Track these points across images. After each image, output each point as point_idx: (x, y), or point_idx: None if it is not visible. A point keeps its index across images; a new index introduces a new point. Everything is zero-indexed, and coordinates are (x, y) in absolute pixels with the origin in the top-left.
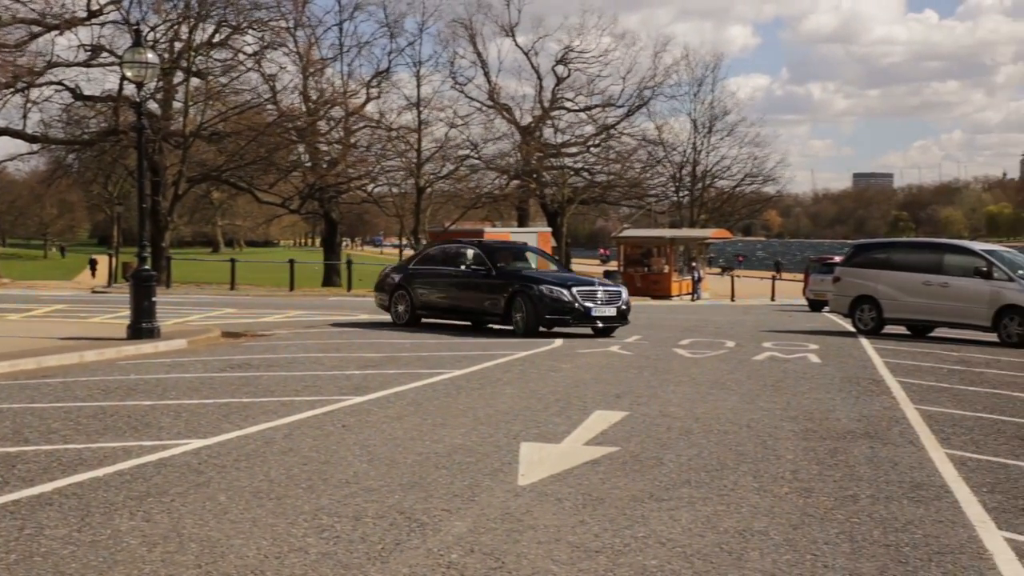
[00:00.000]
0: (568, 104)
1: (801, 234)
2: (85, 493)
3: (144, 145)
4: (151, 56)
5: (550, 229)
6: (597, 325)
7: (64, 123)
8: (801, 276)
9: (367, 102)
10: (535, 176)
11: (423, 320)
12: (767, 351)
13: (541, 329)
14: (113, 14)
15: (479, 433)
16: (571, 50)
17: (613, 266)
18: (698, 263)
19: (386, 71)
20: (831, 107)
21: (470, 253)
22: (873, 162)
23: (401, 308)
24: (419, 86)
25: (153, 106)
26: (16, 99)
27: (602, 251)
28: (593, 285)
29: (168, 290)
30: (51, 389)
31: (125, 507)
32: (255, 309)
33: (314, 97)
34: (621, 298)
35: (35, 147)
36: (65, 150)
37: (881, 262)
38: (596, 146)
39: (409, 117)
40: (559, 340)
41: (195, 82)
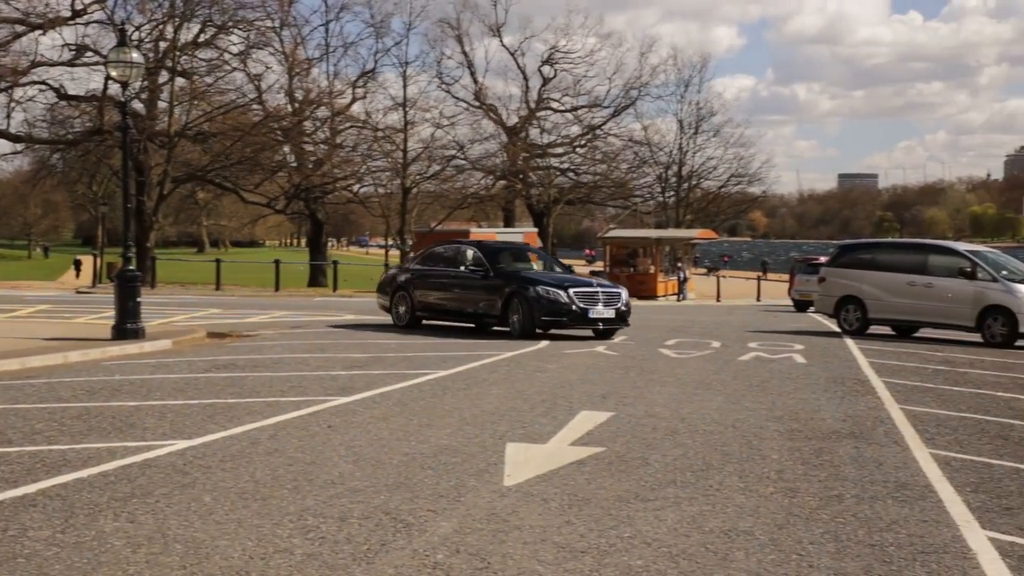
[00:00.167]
0: (554, 104)
1: (787, 234)
2: (69, 494)
3: (129, 145)
4: (136, 56)
5: (536, 230)
6: (597, 327)
7: (48, 123)
8: (786, 276)
9: (353, 102)
10: (521, 177)
11: (424, 322)
12: (753, 351)
13: (538, 331)
14: (97, 13)
15: (465, 433)
16: (557, 50)
17: (599, 266)
18: (684, 263)
19: (372, 71)
20: (816, 108)
21: (469, 254)
22: (858, 163)
23: (402, 309)
24: (405, 86)
25: (138, 106)
26: (0, 98)
27: (588, 251)
28: (591, 286)
29: (153, 290)
30: (35, 390)
31: (109, 508)
32: (240, 309)
33: (300, 97)
34: (621, 299)
35: (19, 147)
36: (49, 150)
37: (866, 263)
38: (582, 146)
39: (395, 117)
40: (545, 341)
41: (180, 82)
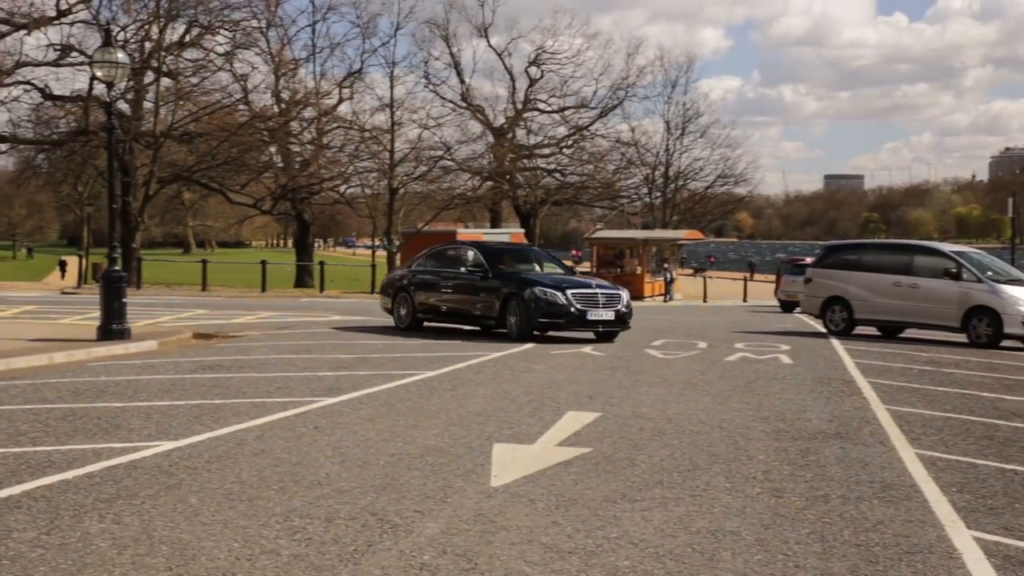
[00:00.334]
0: (541, 105)
1: (773, 235)
2: (54, 496)
3: (114, 145)
4: (121, 56)
5: (523, 230)
6: (598, 329)
7: (33, 123)
8: (773, 277)
9: (340, 103)
10: (508, 177)
11: (425, 325)
12: (739, 352)
13: (535, 334)
14: (83, 13)
15: (452, 434)
16: (544, 51)
17: (585, 267)
18: (670, 264)
19: (359, 71)
20: (802, 109)
21: (470, 255)
22: (844, 164)
23: (403, 312)
24: (392, 87)
25: (124, 106)
26: None
27: (574, 252)
28: (590, 287)
29: (139, 291)
30: (20, 391)
31: (95, 509)
32: (226, 310)
33: (286, 97)
34: (621, 301)
35: (4, 147)
36: (34, 150)
37: (852, 263)
38: (569, 147)
39: (382, 118)
40: (532, 342)
41: (166, 82)
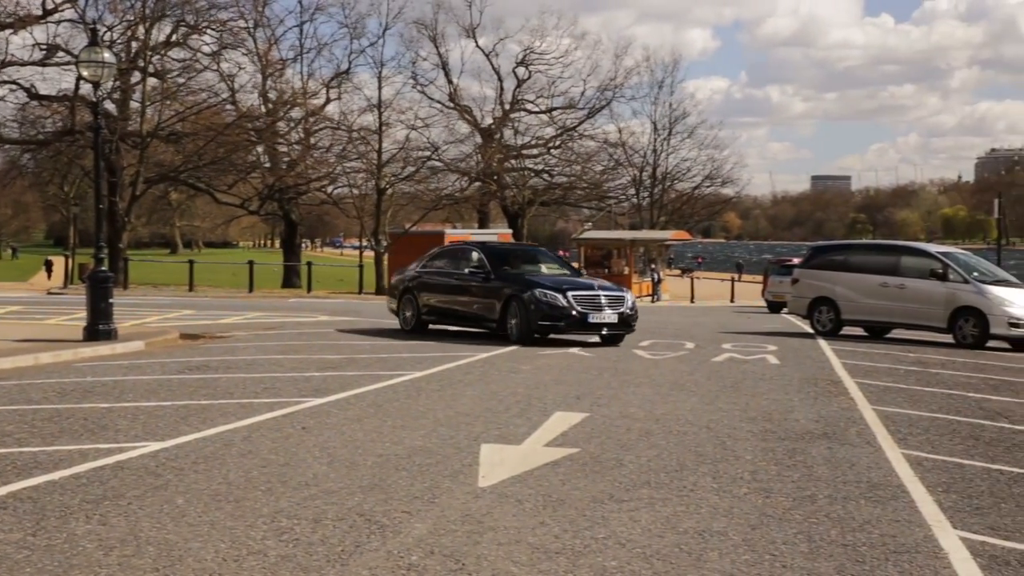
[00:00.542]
0: (529, 106)
1: (760, 236)
2: (40, 497)
3: (101, 145)
4: (108, 56)
5: (511, 231)
6: (602, 332)
7: (19, 123)
8: (760, 278)
9: (327, 103)
10: (496, 178)
11: (430, 327)
12: (726, 352)
13: (536, 336)
14: (69, 12)
15: (439, 435)
16: (532, 51)
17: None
18: (658, 265)
19: (347, 72)
20: (789, 110)
21: (474, 256)
22: (831, 165)
23: (408, 313)
24: (380, 87)
25: (110, 106)
26: None
27: (562, 253)
28: (592, 289)
29: (125, 292)
30: (5, 391)
31: (81, 511)
32: (213, 311)
33: (273, 98)
34: (625, 303)
35: None
36: (20, 150)
37: (839, 264)
38: (557, 148)
39: (370, 118)
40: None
41: (152, 82)
